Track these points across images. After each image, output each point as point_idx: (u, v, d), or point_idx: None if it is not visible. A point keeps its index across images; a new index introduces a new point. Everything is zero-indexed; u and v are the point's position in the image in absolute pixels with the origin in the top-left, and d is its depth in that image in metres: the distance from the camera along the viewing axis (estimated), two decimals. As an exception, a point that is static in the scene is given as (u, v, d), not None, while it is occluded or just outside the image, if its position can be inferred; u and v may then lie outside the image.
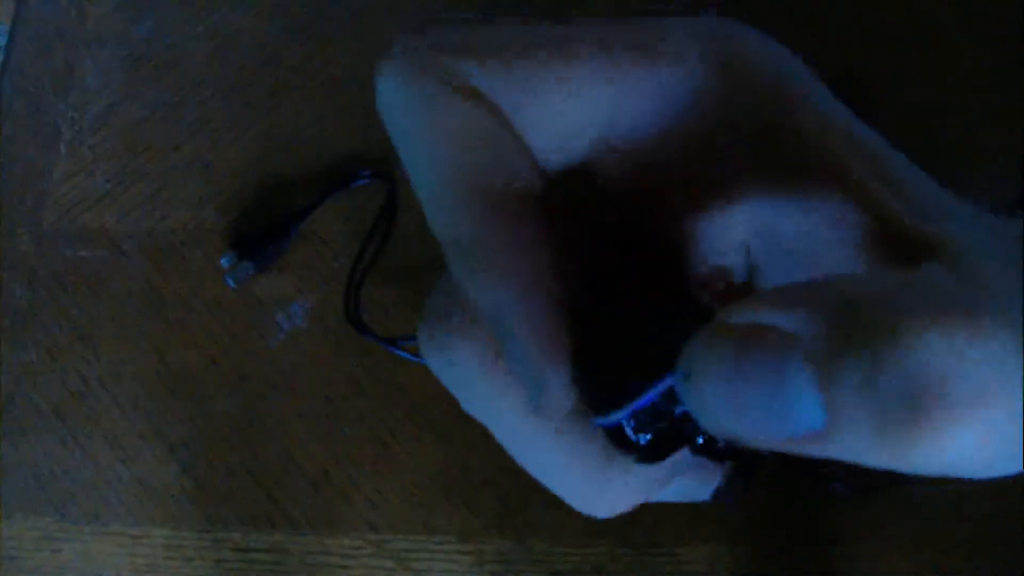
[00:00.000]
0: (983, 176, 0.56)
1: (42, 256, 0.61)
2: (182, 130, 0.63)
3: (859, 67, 0.59)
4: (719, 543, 0.51)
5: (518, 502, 0.53)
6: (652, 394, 0.17)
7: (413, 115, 0.19)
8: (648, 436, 0.17)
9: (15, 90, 0.66)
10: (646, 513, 0.44)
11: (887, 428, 0.13)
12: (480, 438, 0.22)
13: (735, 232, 0.19)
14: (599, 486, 0.20)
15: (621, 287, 0.20)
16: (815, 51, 0.69)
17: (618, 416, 0.17)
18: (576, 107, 0.19)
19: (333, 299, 0.58)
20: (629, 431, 0.17)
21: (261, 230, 0.59)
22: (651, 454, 0.18)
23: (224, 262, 0.59)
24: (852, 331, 0.13)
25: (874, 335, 0.13)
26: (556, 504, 0.22)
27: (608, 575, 0.52)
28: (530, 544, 0.53)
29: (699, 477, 0.21)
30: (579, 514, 0.21)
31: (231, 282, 0.58)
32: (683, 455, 0.18)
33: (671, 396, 0.17)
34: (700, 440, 0.18)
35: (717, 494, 0.20)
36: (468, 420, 0.22)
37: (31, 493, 0.56)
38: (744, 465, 0.20)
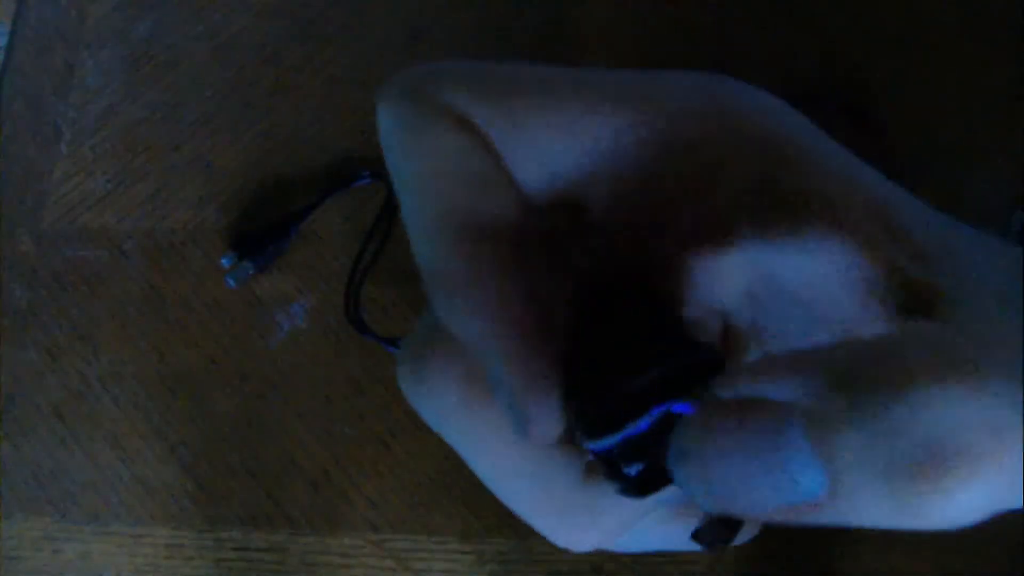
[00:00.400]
0: (983, 176, 0.56)
1: (42, 256, 0.61)
2: (182, 130, 0.63)
3: (859, 67, 0.59)
4: (719, 543, 0.51)
5: (518, 502, 0.53)
6: (647, 421, 0.17)
7: (404, 144, 0.19)
8: (639, 467, 0.17)
9: (15, 90, 0.66)
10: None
11: (893, 490, 0.13)
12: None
13: (733, 276, 0.19)
14: (571, 520, 0.20)
15: (614, 313, 0.19)
16: (815, 51, 0.69)
17: (610, 441, 0.17)
18: (564, 143, 0.19)
19: (333, 299, 0.58)
20: (618, 459, 0.17)
21: (261, 230, 0.59)
22: (639, 486, 0.17)
23: (224, 262, 0.59)
24: (851, 396, 0.13)
25: (874, 395, 0.13)
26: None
27: (607, 575, 0.52)
28: (530, 544, 0.53)
29: (670, 525, 0.21)
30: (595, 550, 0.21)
31: (231, 282, 0.58)
32: (660, 497, 0.18)
33: (667, 424, 0.16)
34: None
35: (697, 536, 0.19)
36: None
37: (31, 493, 0.56)
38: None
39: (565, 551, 0.19)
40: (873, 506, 0.13)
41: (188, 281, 0.60)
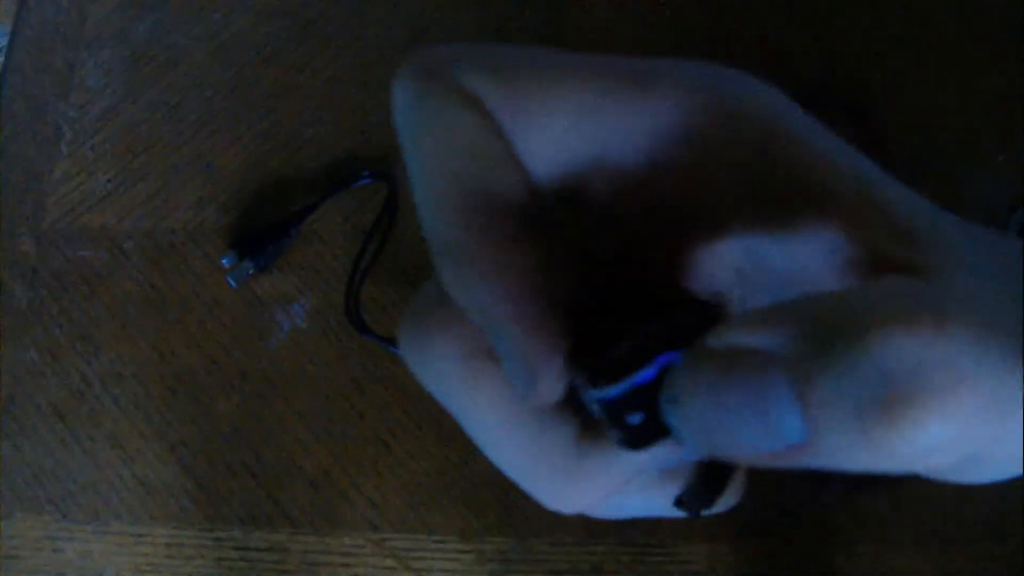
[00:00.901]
0: (983, 176, 0.56)
1: (42, 256, 0.61)
2: (182, 130, 0.63)
3: (859, 67, 0.60)
4: (719, 542, 0.51)
5: (518, 502, 0.53)
6: (654, 369, 0.17)
7: (416, 119, 0.19)
8: (640, 416, 0.17)
9: (15, 90, 0.66)
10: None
11: (864, 429, 0.14)
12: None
13: (727, 259, 0.20)
14: (563, 482, 0.20)
15: (613, 290, 0.20)
16: (815, 51, 0.69)
17: (618, 389, 0.17)
18: (571, 128, 0.19)
19: (333, 299, 0.58)
20: (622, 408, 0.18)
21: (261, 230, 0.59)
22: (640, 436, 0.18)
23: (225, 262, 0.59)
24: (823, 341, 0.14)
25: (843, 341, 0.14)
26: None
27: (608, 574, 0.52)
28: (530, 543, 0.53)
29: (652, 493, 0.22)
30: (580, 514, 0.21)
31: (232, 282, 0.58)
32: (654, 459, 0.18)
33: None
34: None
35: (679, 503, 0.20)
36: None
37: (32, 492, 0.56)
38: (714, 471, 0.19)
39: (566, 548, 0.19)
40: (849, 448, 0.14)
41: (188, 281, 0.60)
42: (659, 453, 0.18)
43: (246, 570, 0.54)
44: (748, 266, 0.20)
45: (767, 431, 0.15)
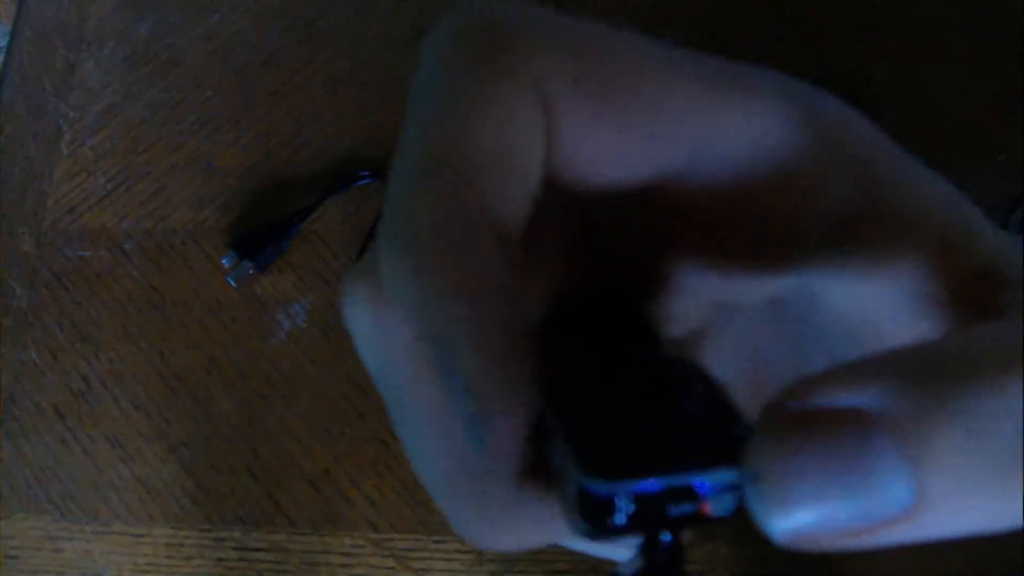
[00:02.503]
0: (983, 176, 0.56)
1: (43, 256, 0.61)
2: (182, 130, 0.63)
3: (859, 66, 0.60)
4: (719, 543, 0.51)
5: (518, 502, 0.53)
6: (660, 484, 0.15)
7: (450, 87, 0.16)
8: (625, 519, 0.15)
9: (15, 90, 0.66)
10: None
11: (1004, 481, 0.12)
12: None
13: (759, 292, 0.18)
14: (492, 520, 0.18)
15: (599, 328, 0.18)
16: (815, 51, 0.69)
17: (615, 488, 0.15)
18: (653, 129, 0.16)
19: (333, 299, 0.58)
20: (608, 507, 0.15)
21: (261, 230, 0.59)
22: (604, 532, 0.15)
23: (225, 262, 0.59)
24: (935, 391, 0.13)
25: (964, 390, 0.13)
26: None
27: (607, 575, 0.52)
28: (530, 544, 0.53)
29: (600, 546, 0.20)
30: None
31: (232, 282, 0.58)
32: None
33: (680, 495, 0.15)
34: (666, 539, 0.15)
35: None
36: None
37: (32, 492, 0.56)
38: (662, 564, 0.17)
39: (566, 548, 0.18)
40: (974, 506, 0.13)
41: (188, 281, 0.60)
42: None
43: (246, 570, 0.54)
44: (795, 300, 0.18)
45: (869, 501, 0.13)
